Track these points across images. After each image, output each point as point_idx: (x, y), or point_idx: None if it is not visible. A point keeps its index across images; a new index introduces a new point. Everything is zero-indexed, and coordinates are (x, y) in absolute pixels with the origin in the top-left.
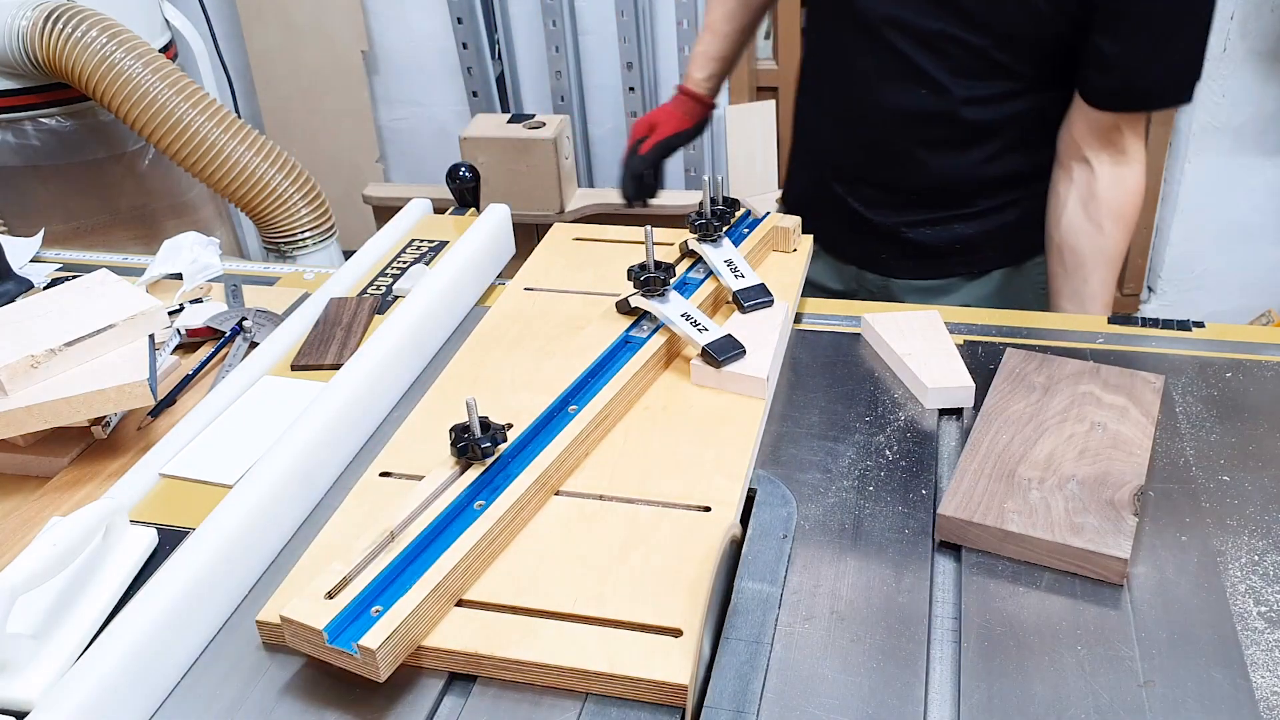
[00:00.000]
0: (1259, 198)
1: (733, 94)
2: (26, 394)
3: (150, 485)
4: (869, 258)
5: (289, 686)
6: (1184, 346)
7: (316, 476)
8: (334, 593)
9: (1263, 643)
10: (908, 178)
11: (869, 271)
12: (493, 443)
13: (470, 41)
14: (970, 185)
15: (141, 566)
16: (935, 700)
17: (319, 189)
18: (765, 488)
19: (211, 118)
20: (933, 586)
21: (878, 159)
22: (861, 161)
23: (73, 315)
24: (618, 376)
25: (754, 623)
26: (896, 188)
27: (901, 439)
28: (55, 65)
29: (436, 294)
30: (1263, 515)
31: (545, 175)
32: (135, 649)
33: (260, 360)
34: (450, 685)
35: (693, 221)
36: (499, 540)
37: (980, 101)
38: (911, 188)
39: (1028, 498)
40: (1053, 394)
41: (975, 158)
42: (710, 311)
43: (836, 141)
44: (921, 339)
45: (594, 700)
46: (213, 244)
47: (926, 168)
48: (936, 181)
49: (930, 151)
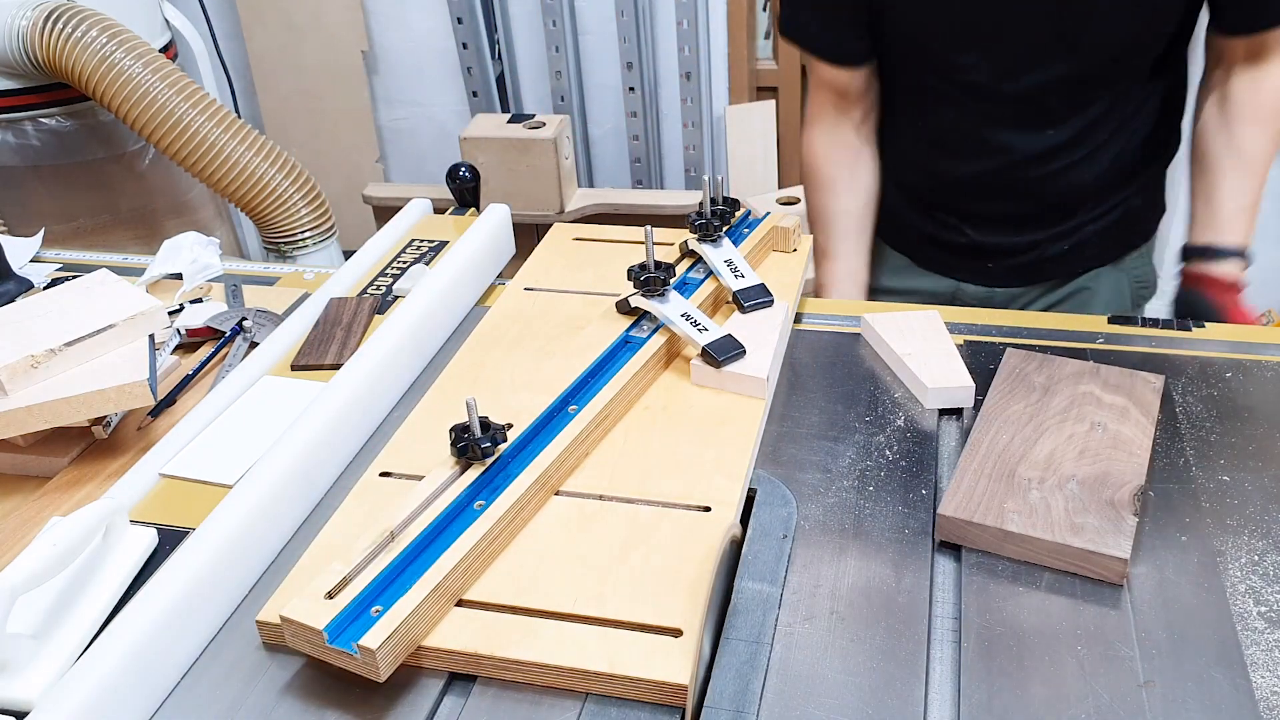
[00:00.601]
0: None
1: (733, 94)
2: (26, 394)
3: (150, 485)
4: (976, 273)
5: (289, 686)
6: (1184, 346)
7: (316, 476)
8: (334, 593)
9: (1263, 643)
10: (1022, 204)
11: (971, 284)
12: (493, 443)
13: (470, 41)
14: (1085, 196)
15: (141, 566)
16: (935, 700)
17: (319, 189)
18: (765, 488)
19: (211, 118)
20: (933, 586)
21: (991, 191)
22: (972, 193)
23: (73, 315)
24: (618, 376)
25: (754, 623)
26: (1008, 213)
27: (901, 439)
28: (55, 65)
29: (436, 294)
30: (1263, 515)
31: (545, 175)
32: (135, 649)
33: (260, 360)
34: (450, 685)
35: (693, 221)
36: (499, 540)
37: (1098, 123)
38: (1025, 211)
39: (1028, 498)
40: (1053, 394)
41: (1091, 172)
42: (710, 311)
43: (944, 174)
44: (921, 339)
45: (594, 700)
46: (213, 244)
47: (1043, 193)
48: (1054, 200)
49: (1050, 180)
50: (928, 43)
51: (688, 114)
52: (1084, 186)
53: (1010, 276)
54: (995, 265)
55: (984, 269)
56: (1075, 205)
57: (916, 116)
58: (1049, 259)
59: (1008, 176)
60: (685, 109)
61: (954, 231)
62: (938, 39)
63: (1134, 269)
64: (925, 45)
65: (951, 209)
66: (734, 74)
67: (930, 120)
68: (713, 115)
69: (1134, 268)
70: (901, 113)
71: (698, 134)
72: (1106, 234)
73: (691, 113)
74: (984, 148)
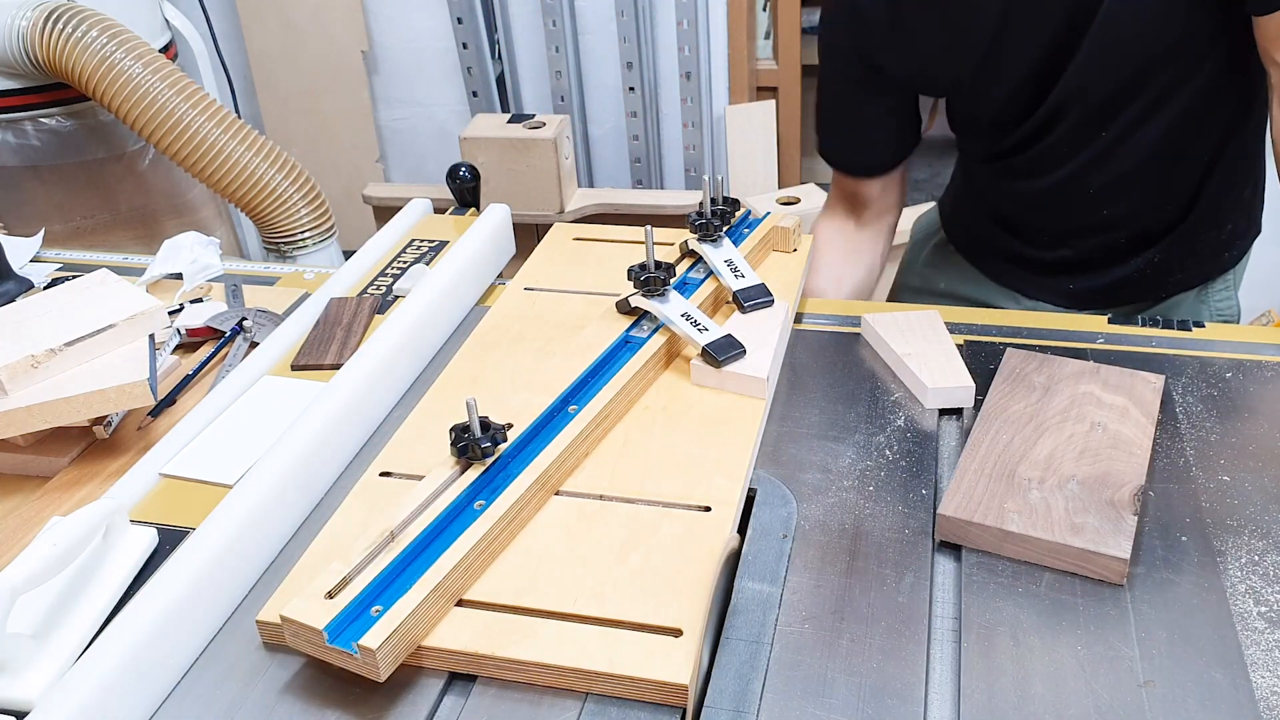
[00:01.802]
0: None
1: (733, 94)
2: (26, 394)
3: (150, 485)
4: (1053, 292)
5: (289, 686)
6: (1184, 346)
7: (316, 476)
8: (334, 593)
9: (1263, 643)
10: (1113, 232)
11: (1049, 305)
12: (493, 443)
13: (470, 41)
14: (1173, 218)
15: (141, 566)
16: (935, 700)
17: (319, 189)
18: (765, 488)
19: (211, 118)
20: (933, 586)
21: (1085, 229)
22: (1058, 231)
23: (73, 315)
24: (618, 376)
25: (754, 623)
26: (1098, 241)
27: (901, 439)
28: (55, 65)
29: (436, 294)
30: (1263, 515)
31: (545, 175)
32: (135, 649)
33: (260, 360)
34: (450, 685)
35: (693, 221)
36: (499, 540)
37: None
38: (1113, 239)
39: (1028, 498)
40: (1053, 394)
41: (1185, 198)
42: (710, 311)
43: (1033, 210)
44: (921, 339)
45: (594, 700)
46: (213, 244)
47: (1136, 223)
48: (1146, 226)
49: (1143, 212)
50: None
51: (688, 114)
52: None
53: (1088, 299)
54: (1075, 286)
55: (1063, 289)
56: (1152, 233)
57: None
58: (1129, 282)
59: (1079, 198)
60: (685, 109)
61: (1033, 246)
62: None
63: (1217, 301)
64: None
65: (1031, 237)
66: (734, 74)
67: (995, 161)
68: (713, 115)
69: (1218, 300)
70: (966, 153)
71: (698, 134)
72: (1192, 253)
73: (691, 113)
74: (1049, 175)
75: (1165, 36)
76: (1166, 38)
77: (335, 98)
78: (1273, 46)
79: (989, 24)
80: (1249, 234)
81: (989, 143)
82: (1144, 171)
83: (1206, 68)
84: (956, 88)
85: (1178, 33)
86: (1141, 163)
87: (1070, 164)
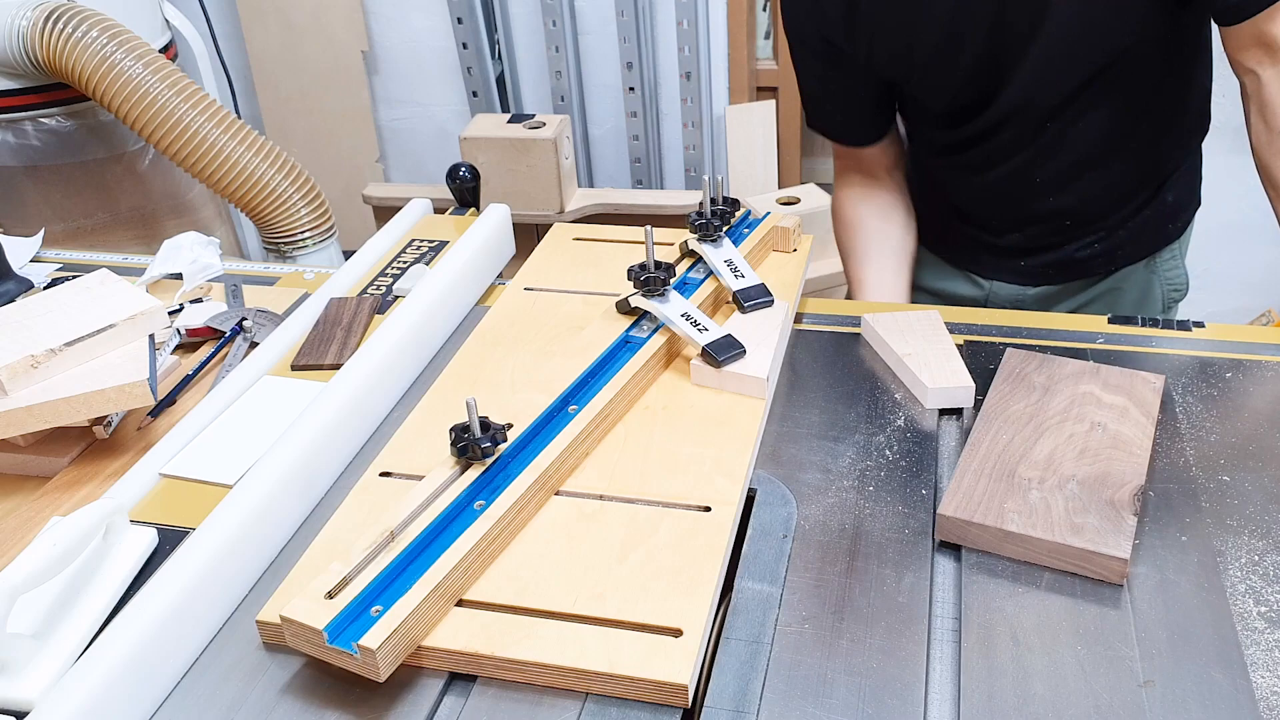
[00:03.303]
0: (1259, 197)
1: (733, 94)
2: (26, 394)
3: (150, 485)
4: (1009, 271)
5: (289, 686)
6: (1184, 346)
7: (316, 476)
8: (334, 593)
9: (1263, 643)
10: (1061, 218)
11: (1003, 283)
12: (493, 443)
13: (470, 41)
14: (1119, 200)
15: (141, 566)
16: (935, 700)
17: (319, 189)
18: (765, 488)
19: (211, 118)
20: (933, 586)
21: (1033, 216)
22: (1015, 216)
23: (73, 315)
24: (618, 376)
25: (754, 623)
26: (1047, 226)
27: (901, 439)
28: (55, 65)
29: (436, 294)
30: (1263, 515)
31: (545, 175)
32: (135, 649)
33: (260, 360)
34: (450, 685)
35: (693, 221)
36: (499, 540)
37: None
38: (1061, 224)
39: (1028, 498)
40: (1053, 394)
41: (1131, 182)
42: (710, 311)
43: (982, 201)
44: (921, 339)
45: (594, 700)
46: (213, 244)
47: (1084, 208)
48: (1093, 211)
49: (1090, 198)
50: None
51: (688, 114)
52: (1113, 198)
53: (1042, 275)
54: (1027, 263)
55: (1016, 267)
56: (1104, 213)
57: (935, 154)
58: (1079, 260)
59: (1049, 208)
60: (685, 109)
61: (983, 241)
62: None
63: (1166, 270)
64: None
65: (987, 225)
66: (734, 74)
67: (945, 155)
68: (713, 115)
69: (1166, 270)
70: (918, 143)
71: (698, 134)
72: (1140, 230)
73: (691, 113)
74: (997, 169)
75: (1114, 41)
76: (1115, 43)
77: (335, 98)
78: (1243, 55)
79: (943, 13)
80: (1190, 206)
81: (940, 135)
82: (1089, 162)
83: (1152, 66)
84: (909, 77)
85: (1127, 38)
86: (1086, 154)
87: (1016, 158)
